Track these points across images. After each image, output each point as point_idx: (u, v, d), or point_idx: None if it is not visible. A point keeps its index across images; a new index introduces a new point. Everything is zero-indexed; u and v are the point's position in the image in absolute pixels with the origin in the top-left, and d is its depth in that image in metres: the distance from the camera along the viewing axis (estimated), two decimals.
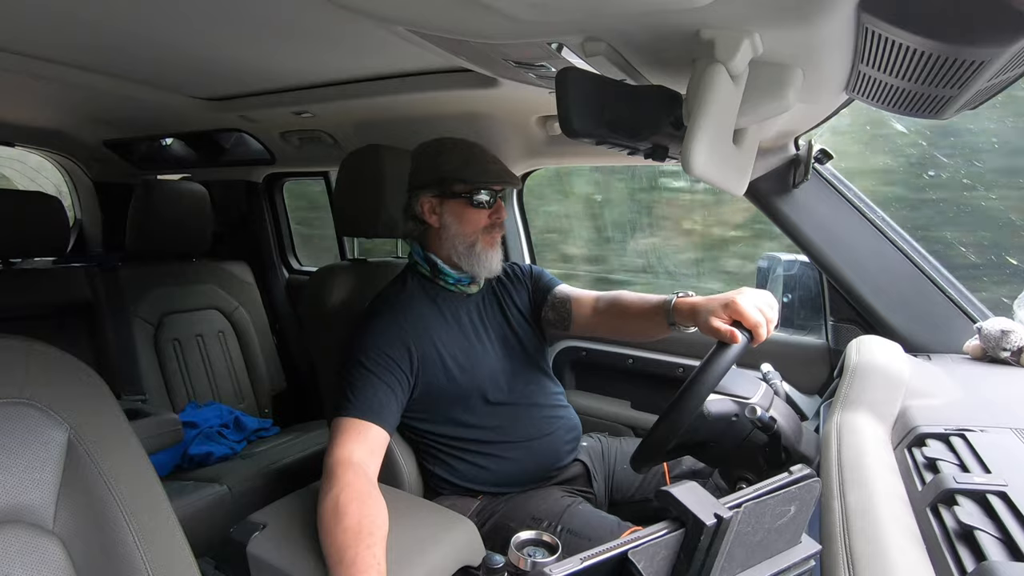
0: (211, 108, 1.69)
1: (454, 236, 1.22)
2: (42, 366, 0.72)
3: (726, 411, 0.97)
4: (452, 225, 1.22)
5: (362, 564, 0.83)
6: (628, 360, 1.71)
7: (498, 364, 1.25)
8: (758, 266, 1.55)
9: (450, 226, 1.22)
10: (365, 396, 1.07)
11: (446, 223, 1.22)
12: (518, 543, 0.77)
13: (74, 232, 2.70)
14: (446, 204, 1.22)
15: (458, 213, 1.22)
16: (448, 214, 1.22)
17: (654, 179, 2.38)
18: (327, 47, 1.16)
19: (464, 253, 1.22)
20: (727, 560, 0.49)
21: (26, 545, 0.65)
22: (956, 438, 0.75)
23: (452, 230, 1.22)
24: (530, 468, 1.23)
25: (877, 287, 1.28)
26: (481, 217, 1.22)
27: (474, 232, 1.22)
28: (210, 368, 2.13)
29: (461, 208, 1.21)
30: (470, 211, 1.21)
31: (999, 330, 1.08)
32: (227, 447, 1.82)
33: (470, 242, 1.22)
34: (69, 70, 1.33)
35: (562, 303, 1.33)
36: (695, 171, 0.66)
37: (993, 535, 0.55)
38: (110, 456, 0.73)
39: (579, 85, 0.72)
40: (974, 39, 0.50)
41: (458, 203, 1.21)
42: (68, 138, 2.29)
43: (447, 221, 1.22)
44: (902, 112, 0.75)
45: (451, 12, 0.75)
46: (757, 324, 0.96)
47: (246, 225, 2.53)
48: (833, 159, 1.29)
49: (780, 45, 0.67)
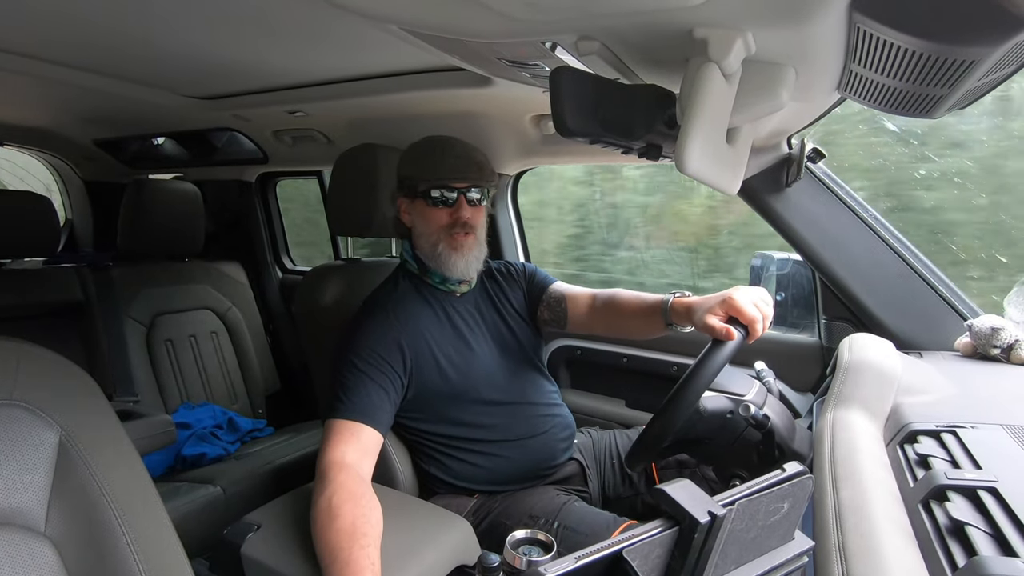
0: (203, 107, 1.68)
1: (419, 236, 1.22)
2: (33, 367, 0.71)
3: (720, 408, 0.97)
4: (418, 225, 1.21)
5: (356, 565, 0.82)
6: (623, 358, 1.72)
7: (493, 363, 1.25)
8: (751, 264, 1.56)
9: (417, 226, 1.22)
10: (358, 397, 1.07)
11: (414, 223, 1.22)
12: (513, 542, 0.77)
13: (64, 232, 2.68)
14: (414, 203, 1.21)
15: (421, 212, 1.20)
16: (415, 214, 1.21)
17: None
18: (320, 45, 1.15)
19: (430, 254, 1.21)
20: (721, 557, 0.49)
21: (18, 548, 0.64)
22: (947, 434, 0.76)
23: (418, 230, 1.21)
24: (525, 466, 1.23)
25: (869, 285, 1.29)
26: (440, 216, 1.18)
27: (435, 232, 1.19)
28: (203, 369, 2.11)
29: (422, 207, 1.20)
30: (428, 210, 1.19)
31: (989, 327, 1.09)
32: (221, 448, 1.81)
33: (432, 242, 1.19)
34: (59, 68, 1.32)
35: (557, 302, 1.33)
36: (688, 170, 0.66)
37: (984, 530, 0.55)
38: (102, 458, 0.72)
39: (573, 84, 0.72)
40: (965, 39, 0.51)
41: (419, 202, 1.20)
42: (58, 137, 2.27)
43: (415, 221, 1.22)
44: (893, 111, 0.75)
45: (445, 10, 0.75)
46: (753, 320, 0.97)
47: (239, 225, 2.52)
48: (825, 158, 1.29)
49: (773, 44, 0.67)
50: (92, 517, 0.70)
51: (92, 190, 2.65)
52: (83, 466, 0.70)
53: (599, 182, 2.63)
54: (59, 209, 2.44)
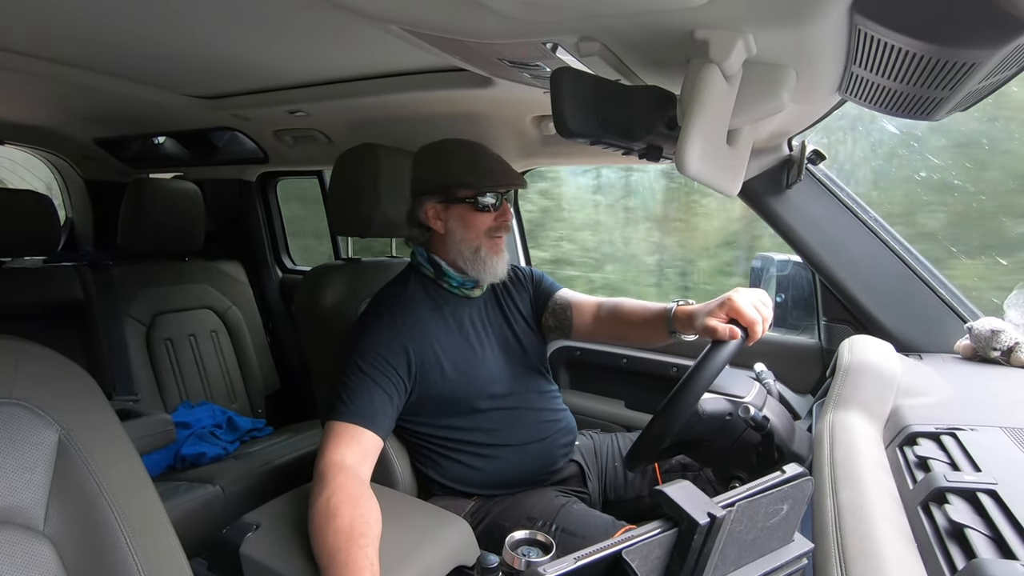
0: (204, 106, 1.67)
1: (460, 241, 1.20)
2: (32, 366, 0.71)
3: (720, 410, 0.97)
4: (457, 230, 1.20)
5: (355, 565, 0.82)
6: (622, 360, 1.72)
7: (498, 367, 1.24)
8: (752, 266, 1.56)
9: (455, 231, 1.20)
10: (360, 400, 1.06)
11: (451, 228, 1.20)
12: (512, 543, 0.77)
13: (65, 231, 2.68)
14: (451, 209, 1.20)
15: (463, 218, 1.19)
16: (453, 219, 1.20)
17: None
18: (321, 45, 1.15)
19: (470, 259, 1.20)
20: (720, 559, 0.49)
21: (16, 547, 0.64)
22: (947, 437, 0.76)
23: (457, 235, 1.20)
24: (525, 471, 1.23)
25: (869, 287, 1.29)
26: (486, 220, 1.20)
27: (478, 237, 1.19)
28: (203, 368, 2.11)
29: (465, 212, 1.19)
30: (474, 215, 1.19)
31: (989, 330, 1.09)
32: (220, 447, 1.81)
33: (474, 247, 1.20)
34: (60, 67, 1.32)
35: (563, 310, 1.33)
36: (689, 171, 0.66)
37: (983, 533, 0.55)
38: (102, 457, 0.72)
39: (574, 85, 0.72)
40: (965, 41, 0.51)
41: (462, 208, 1.19)
42: (59, 136, 2.27)
43: (452, 226, 1.20)
44: (894, 113, 0.75)
45: (445, 11, 0.75)
46: (754, 321, 0.97)
47: (239, 224, 2.52)
48: (826, 160, 1.29)
49: (774, 46, 0.67)
50: (91, 516, 0.70)
51: (92, 189, 2.65)
52: (82, 465, 0.70)
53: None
54: (59, 208, 2.44)
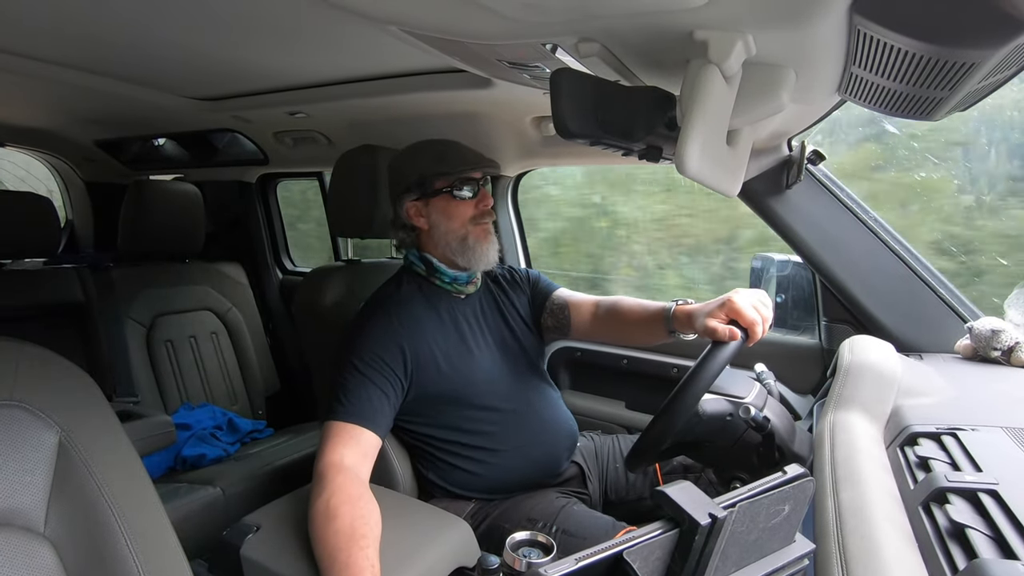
0: (204, 108, 1.68)
1: (445, 233, 1.21)
2: (33, 368, 0.72)
3: (720, 411, 0.97)
4: (441, 223, 1.21)
5: (356, 566, 0.82)
6: (623, 360, 1.72)
7: (495, 368, 1.24)
8: (752, 266, 1.55)
9: (439, 224, 1.21)
10: (358, 400, 1.06)
11: (434, 222, 1.22)
12: (513, 544, 0.77)
13: (65, 233, 2.68)
14: (431, 204, 1.21)
15: (444, 210, 1.21)
16: (435, 213, 1.21)
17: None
18: (321, 47, 1.15)
19: (458, 249, 1.21)
20: (722, 560, 0.49)
21: (17, 549, 0.64)
22: (948, 437, 0.76)
23: (442, 228, 1.21)
24: (527, 476, 1.22)
25: (869, 287, 1.29)
26: (467, 208, 1.21)
27: (463, 226, 1.21)
28: (203, 369, 2.11)
29: (445, 204, 1.20)
30: (455, 205, 1.20)
31: (989, 330, 1.09)
32: (220, 449, 1.80)
33: (460, 236, 1.21)
34: (60, 69, 1.32)
35: (560, 309, 1.33)
36: (689, 172, 0.67)
37: (984, 533, 0.55)
38: (102, 458, 0.72)
39: (573, 86, 0.72)
40: (965, 41, 0.51)
41: (442, 199, 1.20)
42: (59, 138, 2.27)
43: (435, 220, 1.21)
44: (893, 113, 0.75)
45: (445, 12, 0.75)
46: (754, 322, 0.97)
47: (239, 226, 2.52)
48: (825, 160, 1.30)
49: (773, 46, 0.68)
50: (91, 518, 0.70)
51: (93, 191, 2.66)
52: (83, 467, 0.70)
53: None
54: (60, 210, 2.44)
